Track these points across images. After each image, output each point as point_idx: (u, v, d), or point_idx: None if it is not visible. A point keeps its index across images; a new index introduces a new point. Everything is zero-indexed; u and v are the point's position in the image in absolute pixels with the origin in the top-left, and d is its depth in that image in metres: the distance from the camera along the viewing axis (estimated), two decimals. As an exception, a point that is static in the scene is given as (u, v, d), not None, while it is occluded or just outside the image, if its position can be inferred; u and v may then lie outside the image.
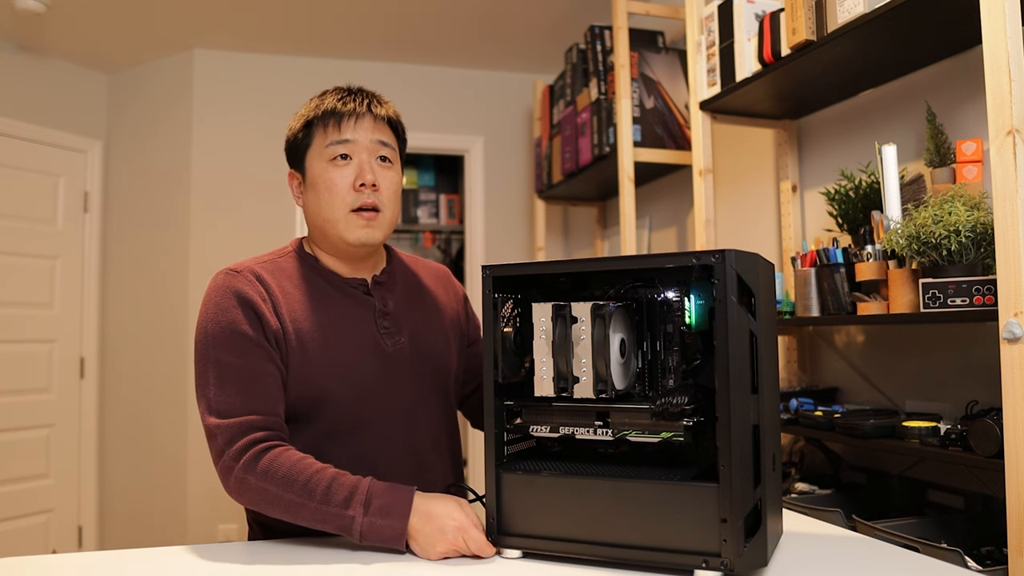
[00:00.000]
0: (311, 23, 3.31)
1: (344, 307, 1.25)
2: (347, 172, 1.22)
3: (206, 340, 1.16)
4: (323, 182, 1.22)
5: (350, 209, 1.21)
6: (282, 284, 1.22)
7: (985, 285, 1.31)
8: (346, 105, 1.24)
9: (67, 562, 1.08)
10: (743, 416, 0.92)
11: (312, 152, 1.25)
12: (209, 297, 1.19)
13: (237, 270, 1.21)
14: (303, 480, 1.07)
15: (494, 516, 1.04)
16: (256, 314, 1.17)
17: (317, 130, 1.24)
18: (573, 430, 1.04)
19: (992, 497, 1.50)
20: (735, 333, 0.91)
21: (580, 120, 2.90)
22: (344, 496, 1.05)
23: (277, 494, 1.08)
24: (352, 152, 1.23)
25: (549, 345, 1.04)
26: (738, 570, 0.90)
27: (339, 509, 1.05)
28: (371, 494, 1.06)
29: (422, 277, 1.39)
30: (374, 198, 1.22)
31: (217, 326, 1.16)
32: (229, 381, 1.14)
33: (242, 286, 1.18)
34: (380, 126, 1.26)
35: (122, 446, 3.65)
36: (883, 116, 1.89)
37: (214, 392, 1.14)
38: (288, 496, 1.07)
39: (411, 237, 4.78)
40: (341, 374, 1.20)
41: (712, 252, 0.92)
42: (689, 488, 0.94)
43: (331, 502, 1.05)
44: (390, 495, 1.06)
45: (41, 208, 3.51)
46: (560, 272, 1.10)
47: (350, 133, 1.23)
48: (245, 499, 1.12)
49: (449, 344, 1.36)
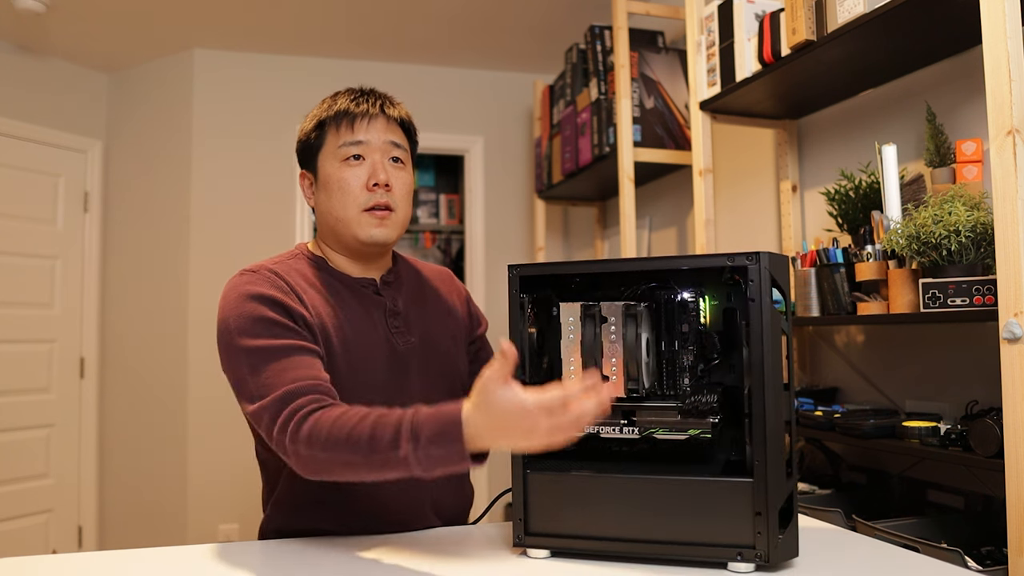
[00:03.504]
0: (311, 23, 3.31)
1: (357, 306, 1.24)
2: (360, 172, 1.22)
3: (229, 334, 1.12)
4: (336, 182, 1.22)
5: (363, 209, 1.21)
6: (299, 283, 1.21)
7: (985, 285, 1.31)
8: (359, 106, 1.24)
9: (67, 562, 1.08)
10: (776, 412, 0.95)
11: (324, 152, 1.25)
12: (226, 297, 1.17)
13: (253, 270, 1.20)
14: (345, 436, 0.98)
15: (521, 517, 1.04)
16: (278, 303, 1.14)
17: (330, 131, 1.25)
18: (598, 428, 1.05)
19: (992, 497, 1.50)
20: (769, 333, 0.94)
21: (580, 120, 2.90)
22: (390, 438, 0.95)
23: (329, 458, 0.99)
24: (365, 152, 1.23)
25: (577, 345, 1.06)
26: (773, 560, 0.93)
27: (388, 453, 0.94)
28: (416, 426, 0.94)
29: (426, 279, 1.40)
30: (387, 198, 1.22)
31: (239, 318, 1.13)
32: (262, 363, 1.09)
33: (260, 282, 1.17)
34: (393, 127, 1.26)
35: (122, 446, 3.65)
36: (883, 116, 1.89)
37: (251, 380, 1.09)
38: (340, 457, 0.98)
39: (411, 237, 4.78)
40: (360, 372, 1.20)
41: (746, 254, 0.96)
42: (724, 483, 0.96)
43: (378, 449, 0.95)
44: (435, 416, 0.94)
45: (41, 208, 3.51)
46: (589, 272, 1.12)
47: (363, 134, 1.23)
48: (311, 472, 1.03)
49: (457, 343, 1.36)
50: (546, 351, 1.13)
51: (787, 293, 1.00)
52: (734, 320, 1.07)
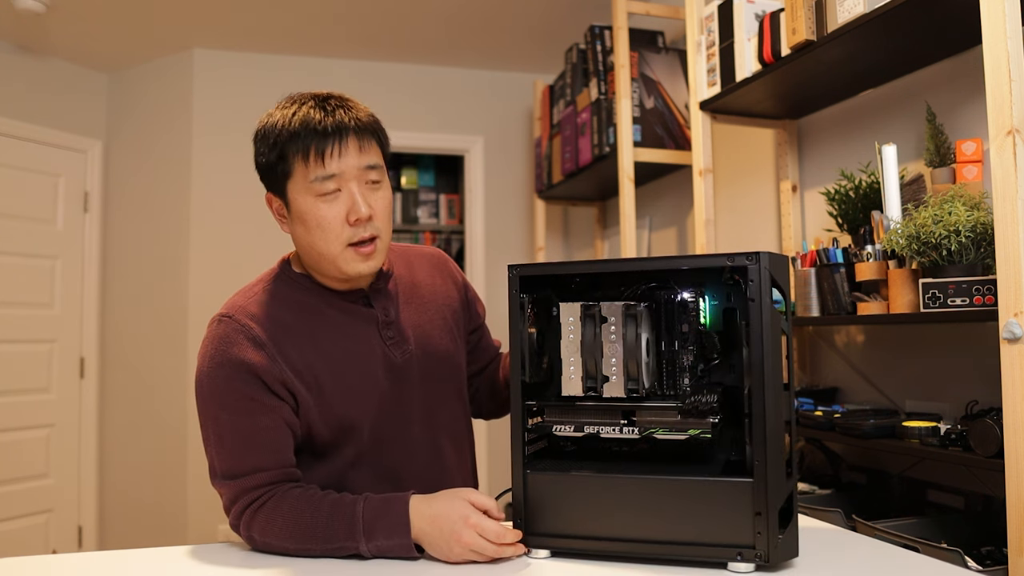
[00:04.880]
0: (311, 23, 3.31)
1: (347, 327, 1.20)
2: (338, 206, 1.12)
3: (203, 395, 1.13)
4: (313, 219, 1.13)
5: (346, 244, 1.13)
6: (281, 318, 1.16)
7: (985, 285, 1.31)
8: (324, 127, 1.11)
9: (67, 562, 1.08)
10: (776, 412, 0.95)
11: (294, 184, 1.14)
12: (204, 348, 1.14)
13: (230, 315, 1.15)
14: (302, 527, 1.06)
15: (522, 516, 1.05)
16: (253, 372, 1.11)
17: (297, 160, 1.12)
18: (599, 429, 1.06)
19: (992, 497, 1.50)
20: (769, 333, 0.95)
21: (580, 120, 2.90)
22: (344, 530, 1.05)
23: (282, 545, 1.08)
24: (340, 184, 1.13)
25: (577, 345, 1.06)
26: (773, 560, 0.93)
27: (343, 543, 1.05)
28: (367, 518, 1.05)
29: (417, 270, 1.34)
30: (370, 229, 1.14)
31: (211, 382, 1.12)
32: (226, 439, 1.12)
33: (237, 340, 1.12)
34: (366, 147, 1.14)
35: (122, 446, 3.65)
36: (883, 116, 1.89)
37: (215, 451, 1.13)
38: (293, 545, 1.07)
39: (411, 237, 4.78)
40: (359, 398, 1.18)
41: (746, 254, 0.96)
42: (724, 483, 0.97)
43: (334, 539, 1.05)
44: (386, 513, 1.05)
45: (41, 208, 3.51)
46: (589, 272, 1.12)
47: (335, 165, 1.11)
48: (262, 551, 1.11)
49: (455, 339, 1.33)
50: (546, 351, 1.13)
51: (787, 293, 1.00)
52: (734, 320, 1.07)
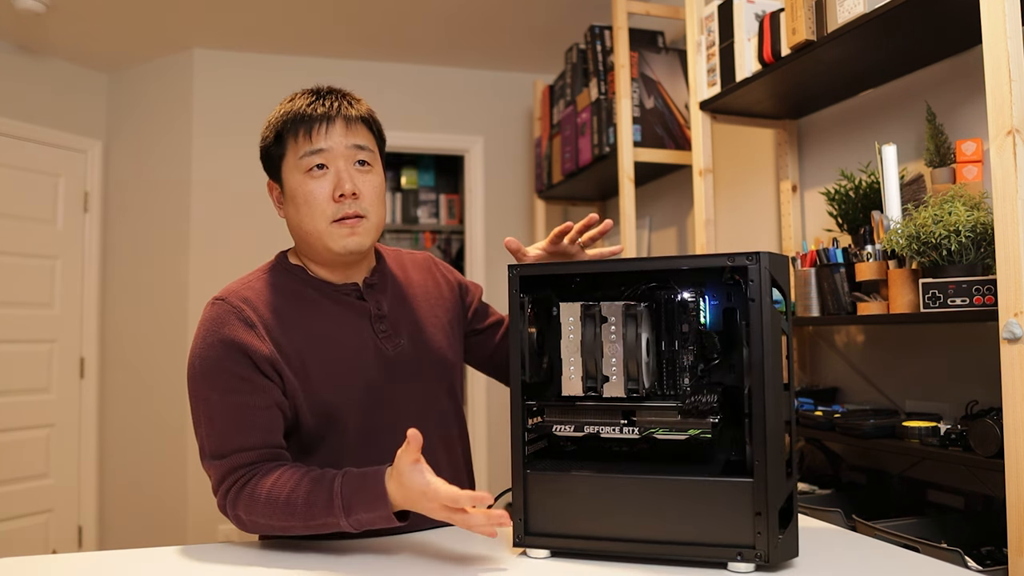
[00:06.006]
0: (311, 23, 3.32)
1: (339, 317, 1.22)
2: (325, 183, 1.17)
3: (194, 376, 1.15)
4: (302, 195, 1.18)
5: (332, 220, 1.17)
6: (273, 303, 1.19)
7: (985, 285, 1.32)
8: (315, 110, 1.18)
9: (67, 562, 1.08)
10: (776, 412, 0.95)
11: (287, 163, 1.20)
12: (198, 331, 1.17)
13: (223, 298, 1.18)
14: (282, 503, 1.07)
15: (522, 517, 1.04)
16: (244, 352, 1.13)
17: (289, 139, 1.19)
18: (599, 429, 1.06)
19: (992, 497, 1.50)
20: (769, 333, 0.95)
21: (580, 120, 2.90)
22: (323, 505, 1.05)
23: (267, 523, 1.08)
24: (328, 161, 1.17)
25: (577, 345, 1.06)
26: (773, 560, 0.93)
27: (325, 519, 1.05)
28: (345, 493, 1.05)
29: (410, 271, 1.36)
30: (355, 207, 1.17)
31: (203, 363, 1.14)
32: (216, 419, 1.13)
33: (229, 320, 1.15)
34: (354, 129, 1.20)
35: (122, 446, 3.65)
36: (883, 116, 1.89)
37: (204, 432, 1.14)
38: (277, 523, 1.08)
39: (411, 237, 4.78)
40: (346, 387, 1.18)
41: (746, 254, 0.96)
42: (724, 483, 0.97)
43: (314, 516, 1.05)
44: (362, 487, 1.05)
45: (41, 208, 3.51)
46: (589, 272, 1.12)
47: (323, 141, 1.17)
48: (250, 531, 1.13)
49: (448, 337, 1.33)
50: (546, 351, 1.13)
51: (787, 293, 1.00)
52: (734, 320, 1.07)
